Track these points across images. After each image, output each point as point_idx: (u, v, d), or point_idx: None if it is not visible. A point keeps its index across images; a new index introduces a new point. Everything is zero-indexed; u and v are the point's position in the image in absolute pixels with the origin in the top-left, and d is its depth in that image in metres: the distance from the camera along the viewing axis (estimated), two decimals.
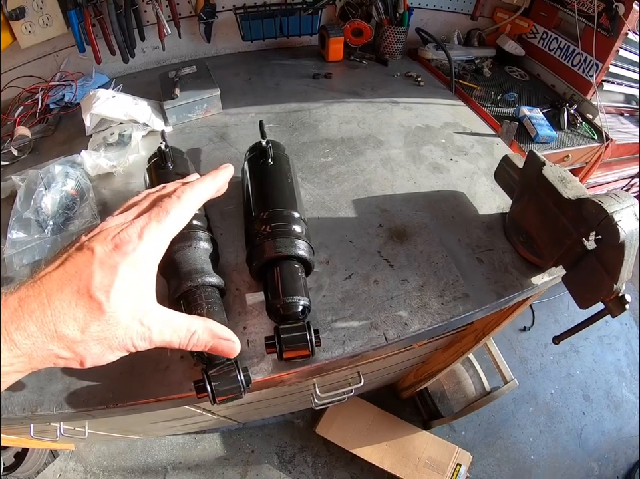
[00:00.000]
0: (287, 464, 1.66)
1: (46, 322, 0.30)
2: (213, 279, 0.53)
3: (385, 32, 1.23)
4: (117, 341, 0.34)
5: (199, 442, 1.70)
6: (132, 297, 0.34)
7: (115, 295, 0.33)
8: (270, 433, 1.72)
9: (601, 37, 1.22)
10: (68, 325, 0.31)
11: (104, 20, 1.00)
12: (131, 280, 0.34)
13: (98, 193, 0.78)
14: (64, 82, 1.06)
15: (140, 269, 0.35)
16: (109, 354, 0.34)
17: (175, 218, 0.38)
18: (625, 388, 1.98)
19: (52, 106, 1.01)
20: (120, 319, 0.33)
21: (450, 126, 0.99)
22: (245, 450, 1.68)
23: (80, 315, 0.31)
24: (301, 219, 0.59)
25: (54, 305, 0.31)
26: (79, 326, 0.31)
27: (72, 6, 0.94)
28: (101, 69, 1.12)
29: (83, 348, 0.32)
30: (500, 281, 0.67)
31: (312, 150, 0.88)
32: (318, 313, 0.60)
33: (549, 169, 0.64)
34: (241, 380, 0.48)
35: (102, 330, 0.33)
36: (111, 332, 0.33)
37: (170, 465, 1.65)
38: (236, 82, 1.10)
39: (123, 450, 1.66)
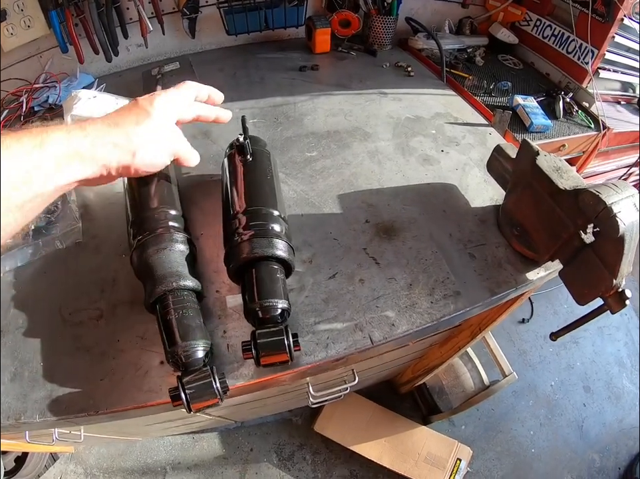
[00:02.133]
0: (286, 462, 1.65)
1: (110, 118, 0.46)
2: (188, 282, 0.51)
3: (373, 22, 1.20)
4: (166, 143, 0.51)
5: (197, 441, 1.69)
6: (168, 114, 0.50)
7: (155, 106, 0.49)
8: (268, 431, 1.70)
9: (595, 23, 1.19)
10: (125, 120, 0.46)
11: (86, 19, 0.98)
12: (164, 104, 0.50)
13: (79, 195, 0.75)
14: (49, 83, 1.04)
15: (168, 107, 0.50)
16: (162, 154, 0.51)
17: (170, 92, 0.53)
18: (626, 379, 1.96)
19: (37, 108, 0.99)
20: (162, 121, 0.49)
21: (441, 116, 0.97)
22: (243, 448, 1.67)
23: (133, 116, 0.47)
24: (281, 218, 0.57)
25: (114, 114, 0.47)
26: (134, 121, 0.47)
27: (53, 7, 0.92)
28: (85, 69, 1.09)
29: (137, 140, 0.46)
30: (493, 277, 0.65)
31: (296, 145, 0.86)
32: (300, 315, 0.57)
33: (544, 158, 0.62)
34: (217, 388, 0.46)
35: (152, 129, 0.48)
36: (158, 133, 0.49)
37: (169, 465, 1.64)
38: (221, 78, 1.07)
39: (122, 451, 1.65)
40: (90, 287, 0.61)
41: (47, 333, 0.56)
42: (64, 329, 0.57)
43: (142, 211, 0.57)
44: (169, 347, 0.47)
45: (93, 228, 0.70)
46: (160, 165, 0.51)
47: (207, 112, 0.58)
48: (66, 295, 0.60)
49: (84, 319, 0.58)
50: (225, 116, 0.60)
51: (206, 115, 0.58)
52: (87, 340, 0.56)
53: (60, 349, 0.55)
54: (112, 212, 0.72)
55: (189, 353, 0.47)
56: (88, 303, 0.59)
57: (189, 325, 0.48)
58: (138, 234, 0.55)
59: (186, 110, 0.54)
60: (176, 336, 0.47)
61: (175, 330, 0.48)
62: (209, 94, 0.58)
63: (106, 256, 0.65)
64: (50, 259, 0.65)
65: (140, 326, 0.57)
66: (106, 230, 0.69)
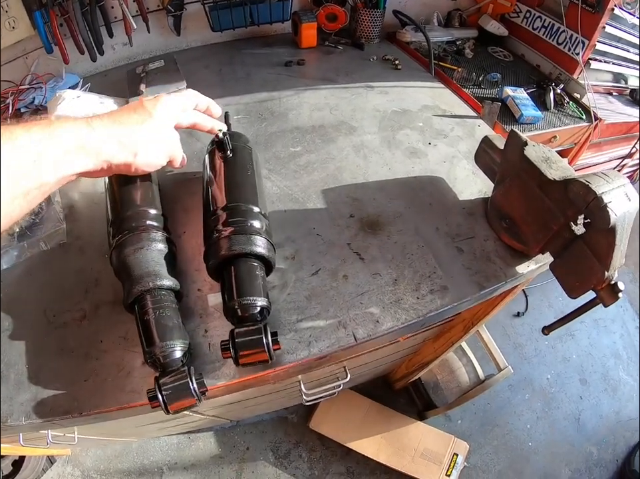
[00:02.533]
0: (283, 460, 1.64)
1: (115, 116, 0.48)
2: (166, 282, 0.50)
3: (361, 15, 1.18)
4: (165, 145, 0.52)
5: (193, 441, 1.68)
6: (169, 116, 0.52)
7: (158, 108, 0.51)
8: (264, 429, 1.70)
9: (586, 14, 1.18)
10: (130, 119, 0.48)
11: (71, 19, 0.96)
12: (166, 108, 0.52)
13: (64, 196, 0.74)
14: (35, 84, 1.02)
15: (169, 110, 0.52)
16: (161, 155, 0.52)
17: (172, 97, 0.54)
18: (622, 371, 1.96)
19: (23, 110, 0.98)
20: (163, 124, 0.51)
21: (429, 108, 0.95)
22: (239, 447, 1.67)
23: (137, 115, 0.49)
24: (261, 214, 0.56)
25: (118, 112, 0.49)
26: (138, 121, 0.49)
27: (38, 7, 0.90)
28: (71, 69, 1.07)
29: (141, 139, 0.49)
30: (482, 271, 0.64)
31: (281, 140, 0.84)
32: (282, 313, 0.57)
33: (532, 149, 0.61)
34: (194, 389, 0.45)
35: (154, 130, 0.50)
36: (160, 135, 0.51)
37: (166, 466, 1.63)
38: (206, 74, 1.06)
39: (119, 453, 1.64)
40: (74, 288, 0.61)
41: (32, 335, 0.56)
42: (48, 331, 0.56)
43: (121, 211, 0.56)
44: (147, 348, 0.47)
45: (77, 229, 0.69)
46: (157, 165, 0.53)
47: (203, 122, 0.59)
48: (51, 296, 0.60)
49: (68, 320, 0.57)
50: (219, 128, 0.62)
51: (202, 124, 0.59)
52: (71, 341, 0.55)
53: (45, 351, 0.54)
54: (96, 212, 0.71)
55: (167, 353, 0.46)
56: (72, 304, 0.59)
57: (166, 325, 0.47)
58: (116, 234, 0.54)
59: (185, 115, 0.56)
60: (154, 336, 0.47)
61: (153, 331, 0.47)
62: (208, 105, 0.60)
63: (90, 257, 0.64)
64: (35, 261, 0.65)
65: (122, 326, 0.56)
66: (90, 231, 0.68)
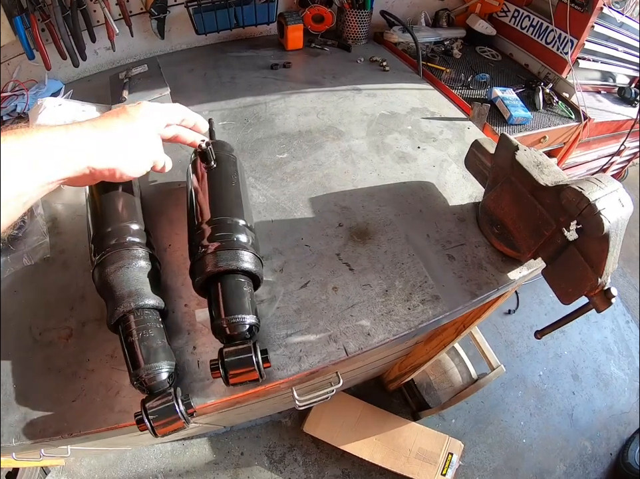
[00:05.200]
0: (278, 464, 1.63)
1: (98, 122, 0.48)
2: (149, 301, 0.49)
3: (347, 16, 1.17)
4: (149, 150, 0.52)
5: (187, 448, 1.66)
6: (153, 123, 0.52)
7: (142, 114, 0.51)
8: (258, 434, 1.68)
9: (575, 13, 1.18)
10: (114, 124, 0.48)
11: (52, 24, 0.94)
12: (150, 114, 0.52)
13: (48, 208, 0.73)
14: (17, 91, 1.00)
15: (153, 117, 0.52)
16: (145, 160, 0.52)
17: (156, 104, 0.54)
18: (614, 366, 1.98)
19: (6, 118, 0.96)
20: (146, 129, 0.51)
21: (417, 111, 0.95)
22: (234, 453, 1.65)
23: (120, 121, 0.49)
24: (247, 227, 0.54)
25: (102, 118, 0.49)
26: (121, 126, 0.48)
27: (18, 13, 0.88)
28: (54, 75, 1.05)
29: (125, 145, 0.48)
30: (474, 278, 0.63)
31: (267, 147, 0.83)
32: (271, 327, 0.55)
33: (524, 153, 0.60)
34: (181, 411, 0.44)
35: (138, 136, 0.50)
36: (144, 140, 0.51)
37: (161, 473, 1.61)
38: (190, 79, 1.04)
39: (113, 462, 1.62)
40: (59, 304, 0.59)
41: (19, 354, 0.55)
42: (35, 349, 0.55)
43: (102, 227, 0.55)
44: (133, 370, 0.45)
45: (61, 242, 0.67)
46: (141, 171, 0.52)
47: (186, 135, 0.59)
48: (36, 313, 0.58)
49: (54, 339, 0.56)
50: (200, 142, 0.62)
51: (184, 137, 0.59)
52: (58, 360, 0.54)
53: (32, 370, 0.53)
54: (79, 225, 0.69)
55: (153, 376, 0.45)
56: (57, 322, 0.57)
57: (150, 346, 0.46)
58: (98, 251, 0.52)
59: (168, 127, 0.56)
60: (139, 358, 0.45)
61: (138, 353, 0.45)
62: (195, 122, 0.60)
63: (75, 272, 0.63)
64: (18, 277, 0.63)
65: (109, 345, 0.54)
66: (73, 244, 0.67)
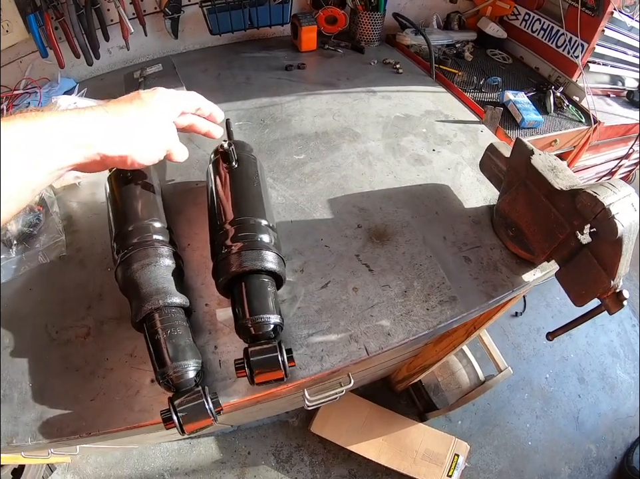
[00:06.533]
0: (284, 464, 1.64)
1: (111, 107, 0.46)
2: (176, 299, 0.49)
3: (360, 18, 1.18)
4: (163, 137, 0.51)
5: (194, 446, 1.67)
6: (168, 110, 0.51)
7: (157, 100, 0.50)
8: (265, 433, 1.69)
9: (585, 17, 1.18)
10: (128, 110, 0.47)
11: (66, 22, 0.94)
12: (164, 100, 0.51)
13: (63, 206, 0.73)
14: (29, 89, 1.00)
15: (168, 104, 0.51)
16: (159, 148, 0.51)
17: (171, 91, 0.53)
18: (619, 369, 1.97)
19: None
20: (160, 116, 0.50)
21: (432, 114, 0.95)
22: (241, 452, 1.66)
23: (133, 107, 0.48)
24: (269, 227, 0.55)
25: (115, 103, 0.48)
26: (135, 113, 0.48)
27: (32, 10, 0.88)
28: (67, 73, 1.06)
29: (138, 132, 0.47)
30: (489, 280, 0.64)
31: (284, 148, 0.83)
32: (293, 327, 0.56)
33: (538, 157, 0.61)
34: (210, 408, 0.44)
35: (151, 122, 0.49)
36: (157, 127, 0.50)
37: (167, 472, 1.62)
38: (205, 79, 1.05)
39: (119, 460, 1.63)
40: (76, 303, 0.59)
41: (35, 353, 0.54)
42: (51, 348, 0.55)
43: (125, 224, 0.55)
44: (159, 368, 0.46)
45: (77, 241, 0.67)
46: (155, 159, 0.51)
47: (201, 124, 0.58)
48: (52, 312, 0.58)
49: (72, 337, 0.56)
50: (216, 133, 0.61)
51: (200, 126, 0.58)
52: (75, 359, 0.54)
53: (48, 369, 0.53)
54: (96, 223, 0.69)
55: (180, 374, 0.45)
56: (74, 320, 0.57)
57: (178, 345, 0.46)
58: (121, 249, 0.53)
59: (183, 115, 0.55)
60: (166, 356, 0.45)
61: (165, 351, 0.46)
62: (211, 111, 0.58)
63: (92, 270, 0.63)
64: (34, 274, 0.63)
65: (129, 343, 0.55)
66: (90, 242, 0.67)
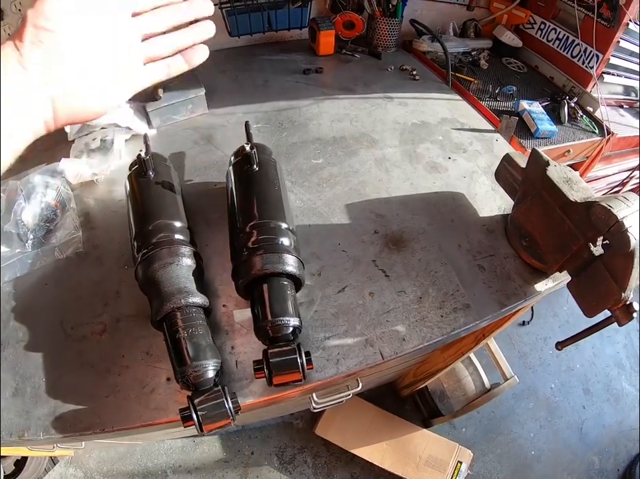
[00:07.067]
0: (287, 465, 1.64)
1: None
2: (197, 299, 0.50)
3: (378, 24, 1.18)
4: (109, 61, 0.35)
5: (198, 445, 1.67)
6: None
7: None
8: (269, 434, 1.69)
9: (601, 28, 1.18)
10: None
11: None
12: None
13: (80, 202, 0.74)
14: None
15: None
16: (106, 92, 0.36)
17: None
18: (625, 381, 1.96)
19: None
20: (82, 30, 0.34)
21: (448, 121, 0.95)
22: (244, 452, 1.66)
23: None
24: (289, 231, 0.55)
25: None
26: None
27: None
28: None
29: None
30: (502, 289, 0.64)
31: (302, 151, 0.84)
32: (310, 330, 0.56)
33: (554, 169, 0.61)
34: (229, 408, 0.45)
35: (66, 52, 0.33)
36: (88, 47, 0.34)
37: (170, 469, 1.62)
38: (223, 80, 1.05)
39: (122, 455, 1.63)
40: (93, 299, 0.60)
41: (49, 348, 0.55)
42: (66, 344, 0.55)
43: (146, 223, 0.55)
44: (179, 367, 0.46)
45: (94, 238, 0.68)
46: (100, 110, 0.37)
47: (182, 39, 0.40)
48: (68, 307, 0.59)
49: (87, 334, 0.56)
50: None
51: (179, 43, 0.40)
52: (91, 355, 0.54)
53: (63, 365, 0.54)
54: (113, 221, 0.70)
55: (200, 373, 0.46)
56: (90, 317, 0.58)
57: (199, 344, 0.47)
58: (142, 247, 0.53)
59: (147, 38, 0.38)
60: (186, 355, 0.46)
61: (185, 350, 0.46)
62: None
63: (109, 267, 0.64)
64: (50, 270, 0.63)
65: (145, 342, 0.55)
66: (107, 240, 0.67)
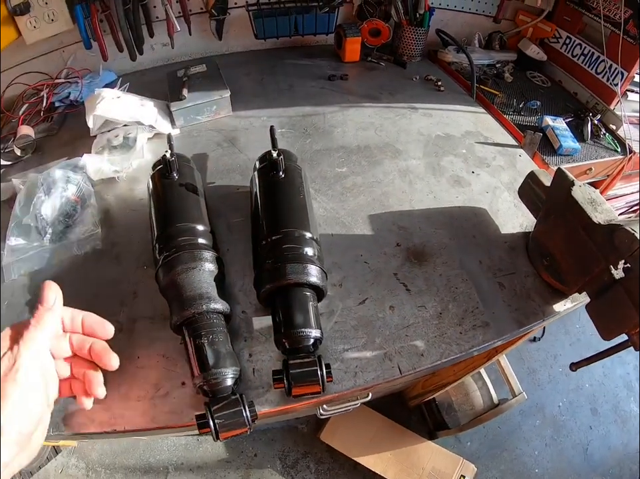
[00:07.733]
0: (290, 469, 1.63)
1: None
2: (218, 305, 0.50)
3: (404, 33, 1.18)
4: None
5: (201, 443, 1.67)
6: None
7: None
8: (273, 437, 1.69)
9: (627, 45, 1.16)
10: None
11: (112, 15, 0.97)
12: None
13: (100, 199, 0.74)
14: (71, 79, 1.02)
15: None
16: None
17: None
18: (633, 403, 1.93)
19: (58, 104, 0.98)
20: None
21: (472, 135, 0.95)
22: (247, 453, 1.66)
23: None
24: (313, 240, 0.55)
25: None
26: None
27: (79, 2, 0.91)
28: (109, 66, 1.08)
29: None
30: (522, 308, 0.63)
31: (326, 159, 0.84)
32: (329, 341, 0.56)
33: (579, 189, 0.60)
34: (247, 416, 0.45)
35: None
36: None
37: (172, 465, 1.63)
38: (247, 83, 1.06)
39: (125, 449, 1.64)
40: (109, 298, 0.60)
41: None
42: None
43: (169, 226, 0.55)
44: (198, 373, 0.46)
45: (113, 235, 0.68)
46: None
47: None
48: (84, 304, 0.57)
49: None
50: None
51: None
52: None
53: None
54: (133, 220, 0.70)
55: (219, 381, 0.46)
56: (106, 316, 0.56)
57: (219, 351, 0.47)
58: (164, 250, 0.53)
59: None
60: (206, 362, 0.46)
61: (206, 357, 0.46)
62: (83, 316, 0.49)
63: (127, 267, 0.64)
64: (67, 266, 0.64)
65: (161, 344, 0.55)
66: (126, 239, 0.67)
